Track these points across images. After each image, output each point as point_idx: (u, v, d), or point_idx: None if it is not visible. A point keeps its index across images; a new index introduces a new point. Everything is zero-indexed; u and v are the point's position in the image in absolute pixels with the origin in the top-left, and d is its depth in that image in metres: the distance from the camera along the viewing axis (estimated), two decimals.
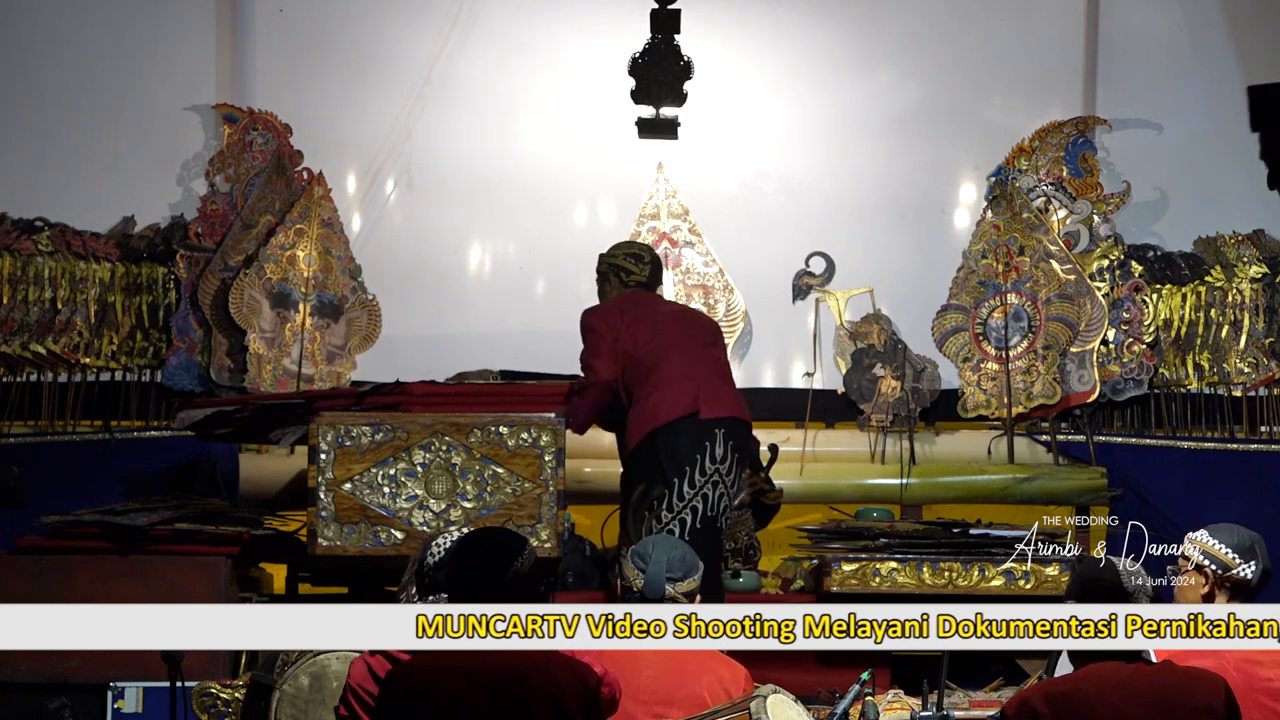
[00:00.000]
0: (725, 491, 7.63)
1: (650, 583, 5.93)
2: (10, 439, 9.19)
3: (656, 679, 5.74)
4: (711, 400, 7.68)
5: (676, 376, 7.71)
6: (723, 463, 7.62)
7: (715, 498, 7.61)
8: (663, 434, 7.64)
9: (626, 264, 8.09)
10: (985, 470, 9.46)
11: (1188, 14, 10.04)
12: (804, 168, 9.94)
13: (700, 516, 7.58)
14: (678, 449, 7.61)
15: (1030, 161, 9.75)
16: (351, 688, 5.54)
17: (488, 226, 9.86)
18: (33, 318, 9.23)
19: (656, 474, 7.61)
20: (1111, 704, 5.04)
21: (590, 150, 9.83)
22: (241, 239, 9.49)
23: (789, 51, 9.98)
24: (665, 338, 7.81)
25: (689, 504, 7.59)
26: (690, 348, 7.82)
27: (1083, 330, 9.51)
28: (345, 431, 7.50)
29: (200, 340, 9.40)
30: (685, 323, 8.02)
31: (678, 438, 7.63)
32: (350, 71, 9.87)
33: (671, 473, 7.59)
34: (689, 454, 7.61)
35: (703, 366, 7.79)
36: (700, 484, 7.59)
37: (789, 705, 5.78)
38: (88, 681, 7.51)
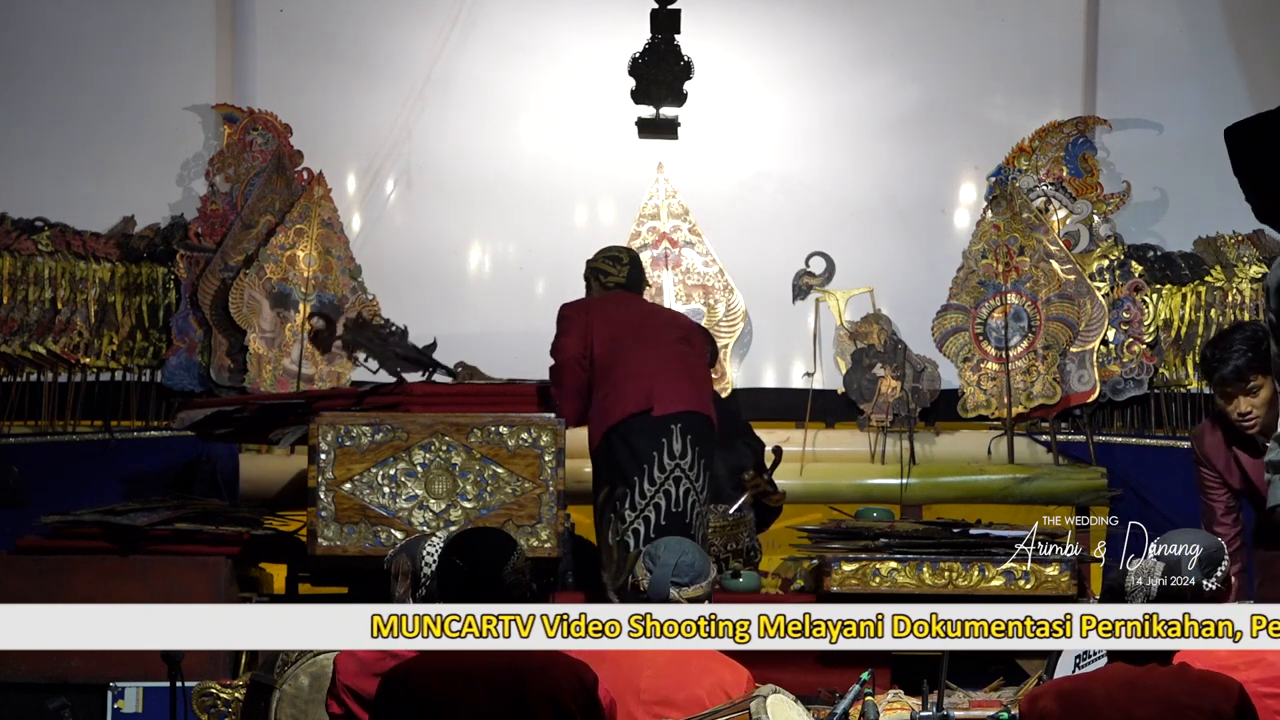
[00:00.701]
0: (691, 487, 7.57)
1: (655, 585, 5.92)
2: (10, 439, 9.19)
3: (657, 679, 5.73)
4: (666, 396, 7.63)
5: (631, 375, 7.70)
6: (683, 458, 7.57)
7: (680, 494, 7.57)
8: (618, 432, 7.62)
9: (604, 265, 8.10)
10: (985, 470, 9.46)
11: (1188, 14, 10.04)
12: (804, 168, 9.94)
13: (664, 513, 7.54)
14: (635, 447, 7.59)
15: (1030, 161, 9.75)
16: (346, 686, 5.54)
17: (488, 226, 9.86)
18: (33, 318, 9.24)
19: (617, 474, 7.60)
20: (1119, 704, 5.04)
21: (590, 150, 9.83)
22: (241, 239, 9.49)
23: (789, 51, 9.98)
24: (627, 337, 7.80)
25: (651, 501, 7.55)
26: (653, 346, 7.80)
27: (1083, 330, 9.51)
28: (345, 431, 7.50)
29: (200, 340, 9.41)
30: (655, 322, 8.00)
31: (633, 435, 7.60)
32: (350, 71, 9.87)
33: (631, 471, 7.57)
34: (646, 451, 7.57)
35: (661, 364, 7.77)
36: (661, 480, 7.56)
37: (789, 705, 5.78)
38: (88, 681, 7.51)
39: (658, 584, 5.91)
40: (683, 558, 5.98)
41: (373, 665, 5.48)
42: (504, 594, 5.24)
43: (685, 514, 7.57)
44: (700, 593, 5.95)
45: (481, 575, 5.27)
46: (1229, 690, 5.08)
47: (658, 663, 5.74)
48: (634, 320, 7.92)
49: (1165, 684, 5.07)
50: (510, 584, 5.28)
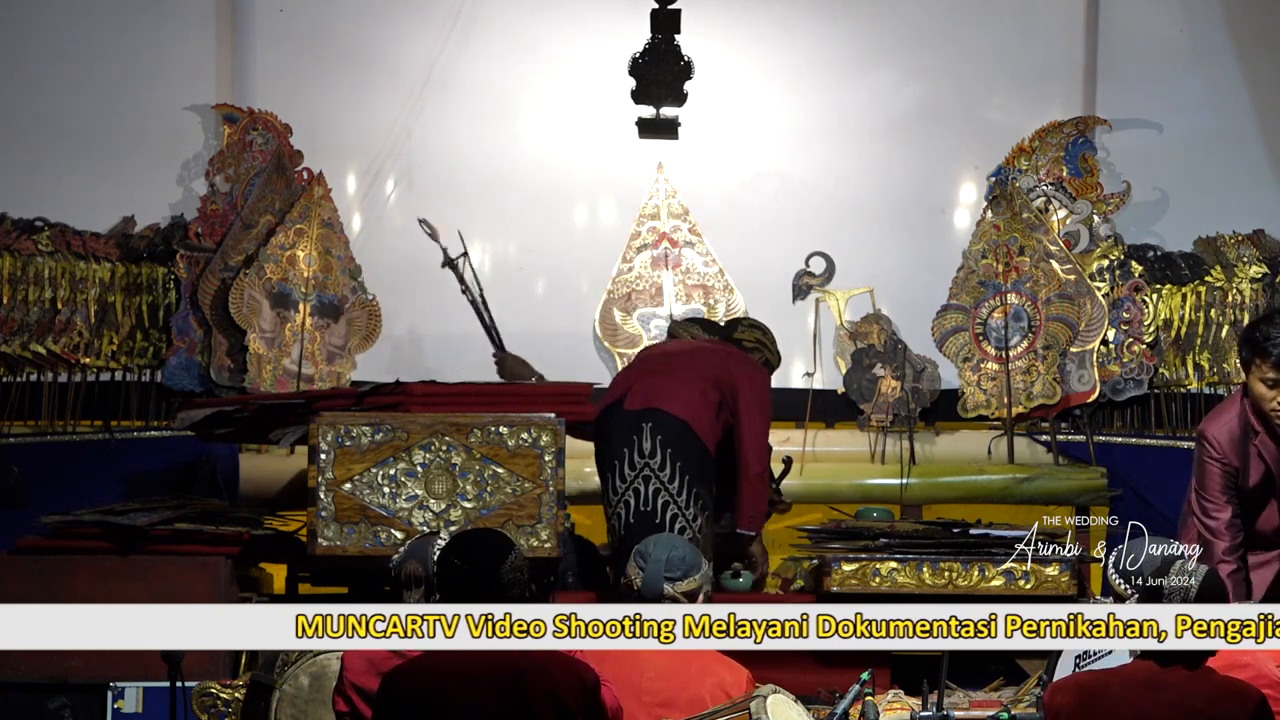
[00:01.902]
0: (663, 488, 7.49)
1: (648, 582, 5.93)
2: (10, 439, 9.19)
3: (658, 680, 5.74)
4: (641, 391, 7.60)
5: (620, 372, 7.75)
6: (652, 457, 7.51)
7: (649, 493, 7.51)
8: (598, 423, 7.65)
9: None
10: (985, 470, 9.46)
11: (1188, 14, 10.04)
12: (804, 168, 9.93)
13: (633, 511, 7.49)
14: (609, 440, 7.59)
15: (1030, 161, 9.75)
16: (353, 683, 5.55)
17: (487, 226, 9.85)
18: (33, 318, 9.23)
19: (600, 465, 7.65)
20: (1134, 704, 5.04)
21: (590, 150, 9.82)
22: (241, 239, 9.49)
23: (789, 51, 9.97)
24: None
25: (621, 498, 7.51)
26: (654, 356, 7.87)
27: (1083, 330, 9.51)
28: (345, 431, 7.50)
29: (200, 340, 9.40)
30: (672, 346, 8.08)
31: (608, 427, 7.61)
32: (350, 71, 9.87)
33: (604, 466, 7.59)
34: (618, 446, 7.54)
35: (650, 363, 7.79)
36: (630, 478, 7.52)
37: (789, 705, 5.78)
38: (88, 681, 7.51)
39: (650, 581, 5.92)
40: (673, 553, 6.00)
41: (380, 664, 5.49)
42: (502, 594, 5.25)
43: (655, 513, 7.47)
44: (694, 586, 5.96)
45: (479, 575, 5.27)
46: (1246, 699, 5.06)
47: (659, 664, 5.74)
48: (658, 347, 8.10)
49: (1184, 688, 5.05)
50: (508, 584, 5.28)
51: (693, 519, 7.54)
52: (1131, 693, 5.05)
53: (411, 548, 6.07)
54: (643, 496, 7.49)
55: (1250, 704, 5.04)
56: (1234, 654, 5.30)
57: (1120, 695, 5.05)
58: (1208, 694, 5.04)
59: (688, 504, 7.52)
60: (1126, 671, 5.13)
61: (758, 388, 7.76)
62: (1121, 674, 5.14)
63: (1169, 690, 5.04)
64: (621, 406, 7.57)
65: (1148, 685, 5.05)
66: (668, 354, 7.90)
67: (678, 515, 7.52)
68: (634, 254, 9.73)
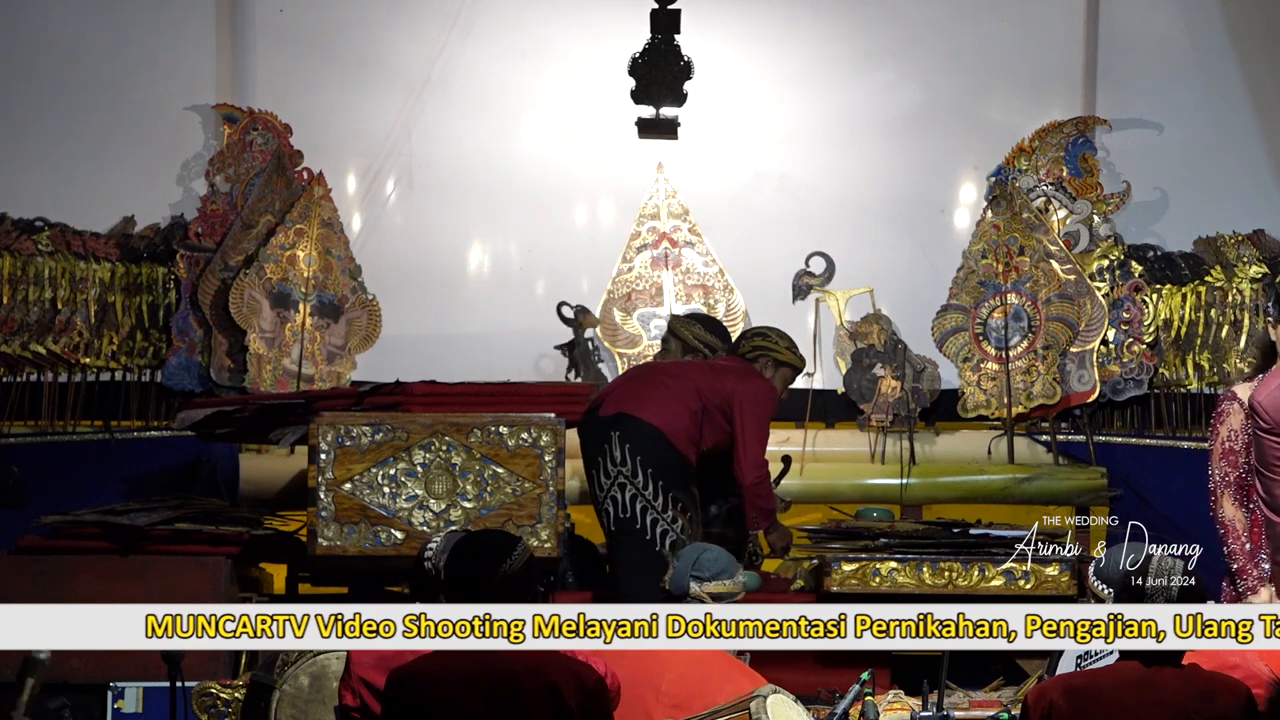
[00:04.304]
0: (639, 494, 7.53)
1: (674, 580, 6.01)
2: (10, 439, 9.19)
3: (679, 683, 5.74)
4: (615, 398, 7.66)
5: (610, 381, 7.83)
6: (623, 465, 7.54)
7: (625, 500, 7.54)
8: (579, 430, 7.72)
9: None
10: (985, 470, 9.46)
11: (1188, 14, 10.04)
12: (804, 168, 9.94)
13: (612, 519, 7.57)
14: (585, 448, 7.68)
15: (1030, 161, 9.75)
16: (360, 678, 5.54)
17: (488, 226, 9.86)
18: (33, 318, 9.23)
19: (585, 471, 7.74)
20: (1124, 704, 5.04)
21: (590, 150, 9.83)
22: (241, 239, 9.49)
23: (789, 51, 9.98)
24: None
25: (602, 506, 7.60)
26: (642, 366, 7.91)
27: (1083, 330, 9.51)
28: (345, 431, 7.50)
29: (200, 340, 9.40)
30: (664, 361, 8.13)
31: (584, 434, 7.69)
32: (350, 71, 9.87)
33: (586, 472, 7.70)
34: (591, 454, 7.63)
35: (634, 371, 7.85)
36: (607, 486, 7.57)
37: (789, 705, 5.78)
38: (88, 681, 7.51)
39: (678, 578, 6.00)
40: (704, 555, 6.06)
41: (389, 659, 5.49)
42: (504, 593, 5.25)
43: (635, 519, 7.53)
44: (724, 589, 6.00)
45: (482, 575, 5.27)
46: (1237, 694, 5.07)
47: (681, 667, 5.75)
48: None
49: (1173, 686, 5.06)
50: (511, 583, 5.28)
51: (672, 521, 7.56)
52: (1123, 693, 5.05)
53: (445, 544, 6.05)
54: (620, 504, 7.56)
55: (1239, 700, 5.05)
56: (1225, 654, 5.30)
57: (1112, 696, 5.05)
58: (1197, 691, 5.05)
59: (665, 508, 7.55)
60: (1114, 672, 5.13)
61: (751, 398, 7.75)
62: (1109, 674, 5.14)
63: (1158, 689, 5.04)
64: (596, 414, 7.62)
65: (1138, 685, 5.05)
66: (656, 365, 7.97)
67: (657, 520, 7.54)
68: (634, 254, 9.73)
